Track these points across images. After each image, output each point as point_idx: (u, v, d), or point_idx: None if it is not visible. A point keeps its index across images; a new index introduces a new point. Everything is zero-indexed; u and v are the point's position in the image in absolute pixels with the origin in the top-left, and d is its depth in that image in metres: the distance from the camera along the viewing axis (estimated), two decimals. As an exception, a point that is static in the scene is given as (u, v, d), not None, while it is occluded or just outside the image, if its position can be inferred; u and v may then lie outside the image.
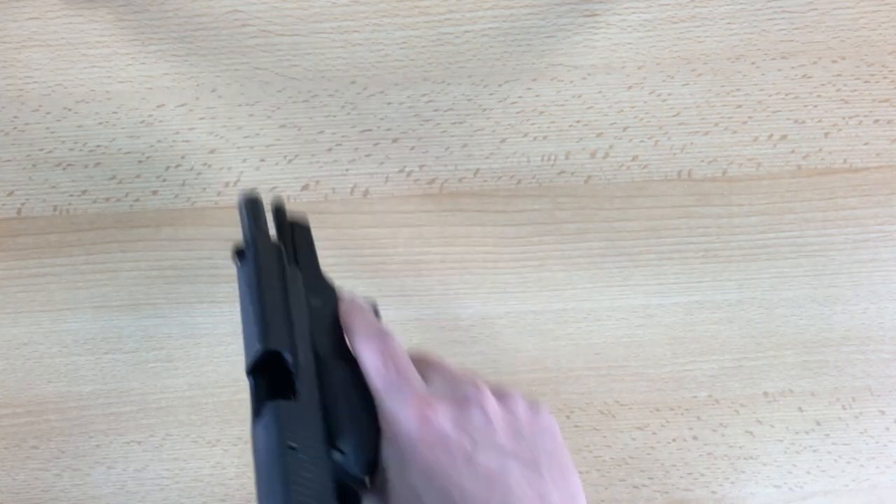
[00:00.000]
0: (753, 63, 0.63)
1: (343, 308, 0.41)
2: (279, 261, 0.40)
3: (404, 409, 0.35)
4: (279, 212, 0.47)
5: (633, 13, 0.63)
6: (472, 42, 0.63)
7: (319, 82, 0.61)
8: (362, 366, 0.37)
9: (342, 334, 0.40)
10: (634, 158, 0.63)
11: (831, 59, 0.63)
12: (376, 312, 0.44)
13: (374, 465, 0.34)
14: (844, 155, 0.64)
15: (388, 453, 0.35)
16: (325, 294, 0.42)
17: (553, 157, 0.63)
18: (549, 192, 0.63)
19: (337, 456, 0.33)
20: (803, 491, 0.65)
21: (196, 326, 0.63)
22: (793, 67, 0.63)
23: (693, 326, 0.64)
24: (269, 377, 0.35)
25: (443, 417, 0.35)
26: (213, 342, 0.63)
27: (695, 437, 0.65)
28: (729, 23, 0.63)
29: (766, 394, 0.65)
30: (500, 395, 0.38)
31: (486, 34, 0.63)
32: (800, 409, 0.65)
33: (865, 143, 0.64)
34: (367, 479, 0.34)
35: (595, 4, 0.63)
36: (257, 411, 0.34)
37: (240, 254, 0.41)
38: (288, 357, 0.35)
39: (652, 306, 0.64)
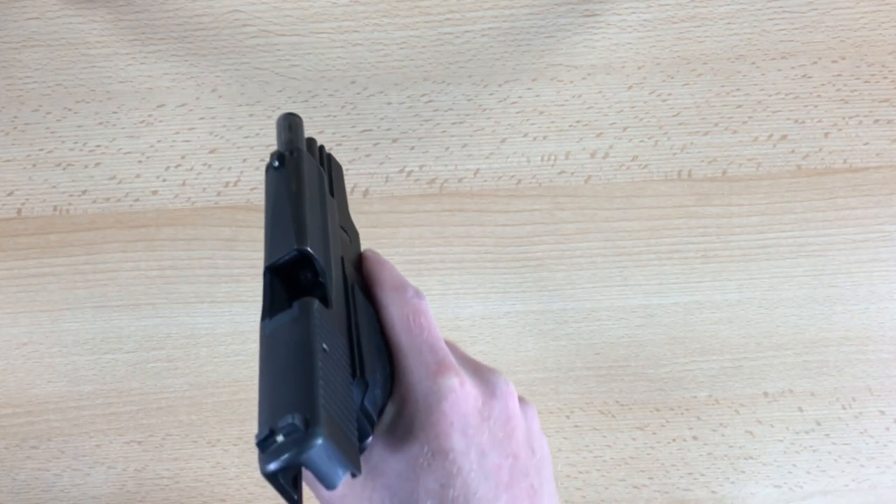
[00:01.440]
0: (753, 63, 0.63)
1: (370, 258, 0.37)
2: (320, 178, 0.37)
3: (430, 373, 0.31)
4: (313, 142, 0.42)
5: (633, 13, 0.63)
6: (472, 42, 0.63)
7: (319, 82, 0.61)
8: (386, 318, 0.34)
9: (364, 280, 0.36)
10: (634, 158, 0.63)
11: (831, 59, 0.63)
12: None
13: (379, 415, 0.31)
14: (844, 155, 0.64)
15: (393, 414, 0.31)
16: (352, 234, 0.39)
17: (553, 157, 0.63)
18: (549, 192, 0.63)
19: (360, 386, 0.30)
20: (803, 491, 0.65)
21: (196, 326, 0.63)
22: (793, 67, 0.63)
23: (693, 326, 0.64)
24: (289, 284, 0.32)
25: (471, 398, 0.31)
26: (212, 342, 0.63)
27: (695, 437, 0.65)
28: (729, 23, 0.63)
29: (766, 394, 0.65)
30: (521, 401, 0.34)
31: (486, 34, 0.63)
32: (800, 409, 0.65)
33: (865, 143, 0.64)
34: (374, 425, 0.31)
35: (595, 4, 0.63)
36: (279, 306, 0.30)
37: (279, 159, 0.37)
38: (320, 265, 0.32)
39: (652, 306, 0.64)
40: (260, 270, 0.66)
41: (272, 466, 0.24)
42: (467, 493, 0.29)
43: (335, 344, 0.29)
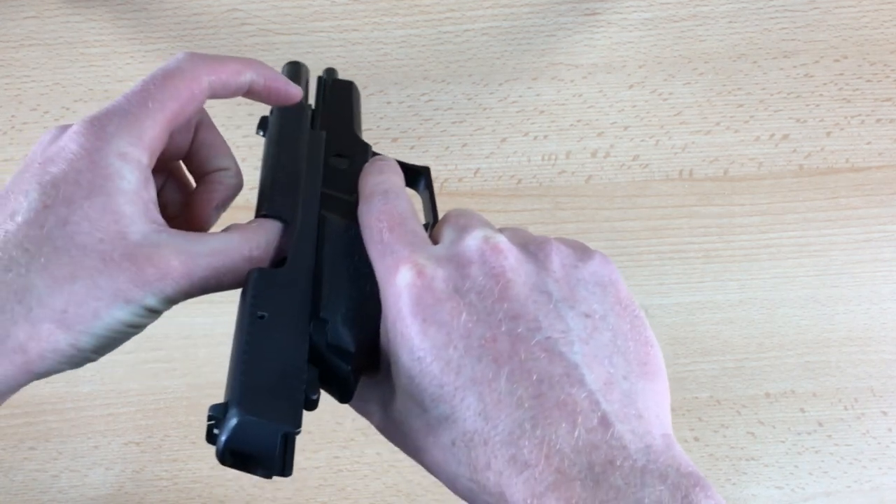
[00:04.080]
0: (755, 62, 0.63)
1: (362, 173, 0.35)
2: (299, 124, 0.37)
3: (390, 273, 0.28)
4: (327, 72, 0.44)
5: (634, 12, 0.63)
6: (472, 41, 0.62)
7: (319, 81, 0.61)
8: (362, 232, 0.31)
9: None
10: (635, 158, 0.63)
11: (833, 58, 0.63)
12: (427, 180, 0.38)
13: (371, 343, 0.30)
14: (846, 154, 0.63)
15: (383, 332, 0.29)
16: (355, 157, 0.38)
17: (554, 157, 0.63)
18: (550, 191, 0.63)
19: (319, 326, 0.29)
20: (805, 492, 0.64)
21: (194, 327, 0.62)
22: (794, 66, 0.63)
23: (694, 327, 0.64)
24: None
25: (437, 281, 0.27)
26: (211, 342, 0.63)
27: (696, 438, 0.65)
28: (730, 21, 0.63)
29: (767, 394, 0.64)
30: (530, 243, 0.30)
31: (486, 33, 0.62)
32: (802, 410, 0.64)
33: (868, 143, 0.63)
34: (356, 356, 0.29)
35: (596, 3, 0.63)
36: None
37: (261, 127, 0.39)
38: (286, 221, 0.32)
39: (653, 306, 0.64)
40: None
41: (217, 456, 0.26)
42: (464, 382, 0.26)
43: (279, 304, 0.29)
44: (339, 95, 0.42)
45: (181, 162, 0.36)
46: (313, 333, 0.29)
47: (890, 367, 0.64)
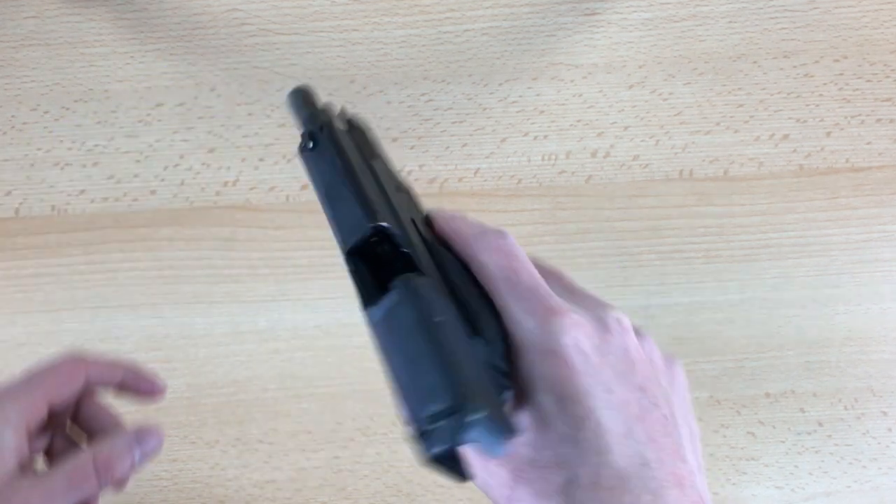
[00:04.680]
0: (755, 62, 0.63)
1: (439, 217, 0.36)
2: (358, 145, 0.36)
3: (539, 319, 0.30)
4: (331, 107, 0.42)
5: (634, 12, 0.63)
6: (472, 41, 0.62)
7: (318, 81, 0.61)
8: (479, 270, 0.32)
9: (439, 237, 0.34)
10: (635, 158, 0.63)
11: (833, 58, 0.63)
12: None
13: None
14: (847, 154, 0.63)
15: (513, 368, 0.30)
16: (405, 190, 0.37)
17: (554, 157, 0.63)
18: (550, 191, 0.63)
19: (480, 343, 0.29)
20: (805, 492, 0.64)
21: (194, 327, 0.62)
22: (794, 66, 0.63)
23: (695, 327, 0.64)
24: (370, 262, 0.31)
25: (584, 338, 0.30)
26: (210, 343, 0.63)
27: (696, 438, 0.65)
28: (730, 21, 0.63)
29: (767, 394, 0.64)
30: (637, 333, 0.33)
31: (486, 33, 0.62)
32: (802, 410, 0.64)
33: (868, 143, 0.63)
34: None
35: (596, 3, 0.63)
36: (372, 289, 0.30)
37: (311, 139, 0.36)
38: (398, 237, 0.31)
39: (653, 306, 0.64)
40: (259, 271, 0.66)
41: (426, 453, 0.25)
42: (600, 431, 0.28)
43: (446, 311, 0.29)
44: (368, 133, 0.41)
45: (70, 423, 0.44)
46: (479, 348, 0.29)
47: (890, 367, 0.64)
